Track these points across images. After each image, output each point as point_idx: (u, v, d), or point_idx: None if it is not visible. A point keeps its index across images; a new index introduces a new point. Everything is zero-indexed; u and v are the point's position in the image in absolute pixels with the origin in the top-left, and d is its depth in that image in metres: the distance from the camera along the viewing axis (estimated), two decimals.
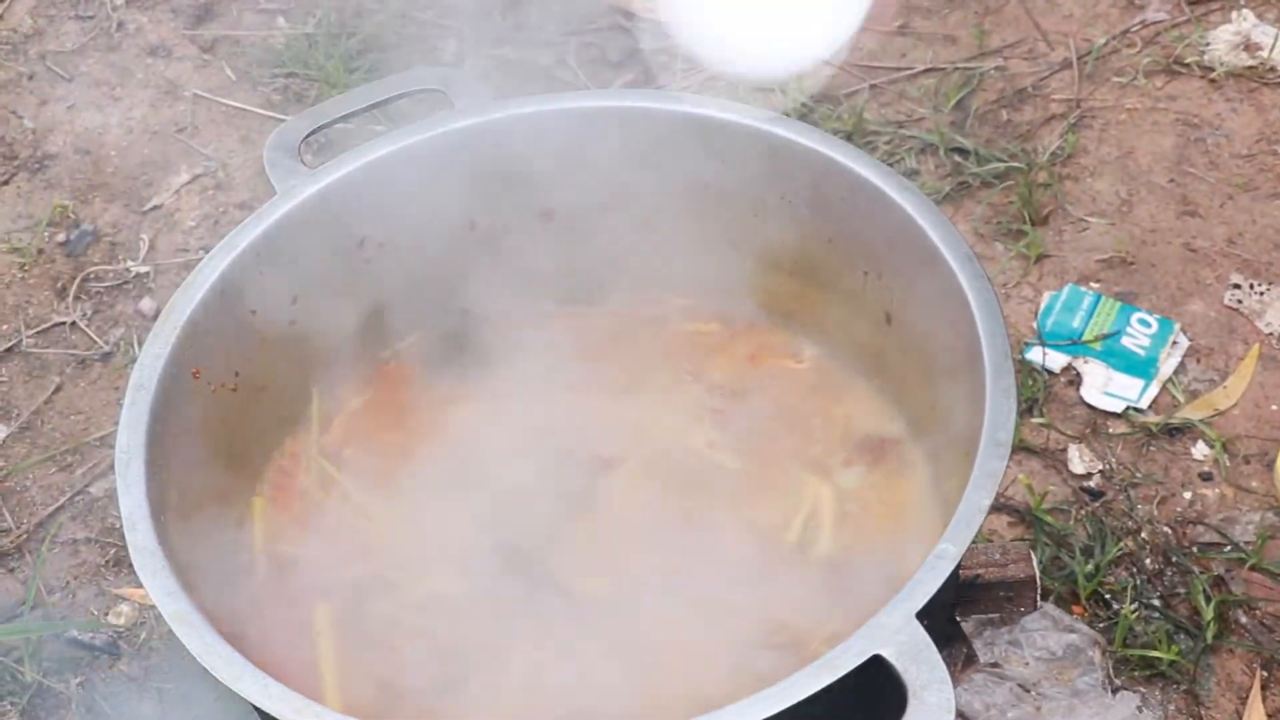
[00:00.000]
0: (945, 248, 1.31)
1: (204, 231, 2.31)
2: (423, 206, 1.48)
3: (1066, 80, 2.38)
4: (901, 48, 2.47)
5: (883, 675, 1.05)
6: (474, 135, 1.47)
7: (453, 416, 1.48)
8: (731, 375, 1.51)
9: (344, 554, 1.40)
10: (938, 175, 2.24)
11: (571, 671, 1.29)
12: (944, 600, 1.22)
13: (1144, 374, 1.97)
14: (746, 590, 1.32)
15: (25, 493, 2.00)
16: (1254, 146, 2.26)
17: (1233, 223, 2.16)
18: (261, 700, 1.09)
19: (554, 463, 1.43)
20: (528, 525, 1.39)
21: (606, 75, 2.47)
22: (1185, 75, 2.37)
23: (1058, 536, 1.81)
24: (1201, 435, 1.91)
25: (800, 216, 1.46)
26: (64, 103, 2.53)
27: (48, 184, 2.40)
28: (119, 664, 1.82)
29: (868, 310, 1.45)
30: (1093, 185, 2.23)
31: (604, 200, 1.53)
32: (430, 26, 2.58)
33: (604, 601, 1.33)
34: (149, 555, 1.18)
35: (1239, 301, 2.05)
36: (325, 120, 1.49)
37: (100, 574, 1.91)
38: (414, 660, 1.31)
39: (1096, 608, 1.75)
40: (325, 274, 1.46)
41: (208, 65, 2.57)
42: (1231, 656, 1.71)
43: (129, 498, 1.21)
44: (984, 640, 1.63)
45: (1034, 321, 2.05)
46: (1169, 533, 1.82)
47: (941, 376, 1.34)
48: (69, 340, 2.18)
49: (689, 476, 1.42)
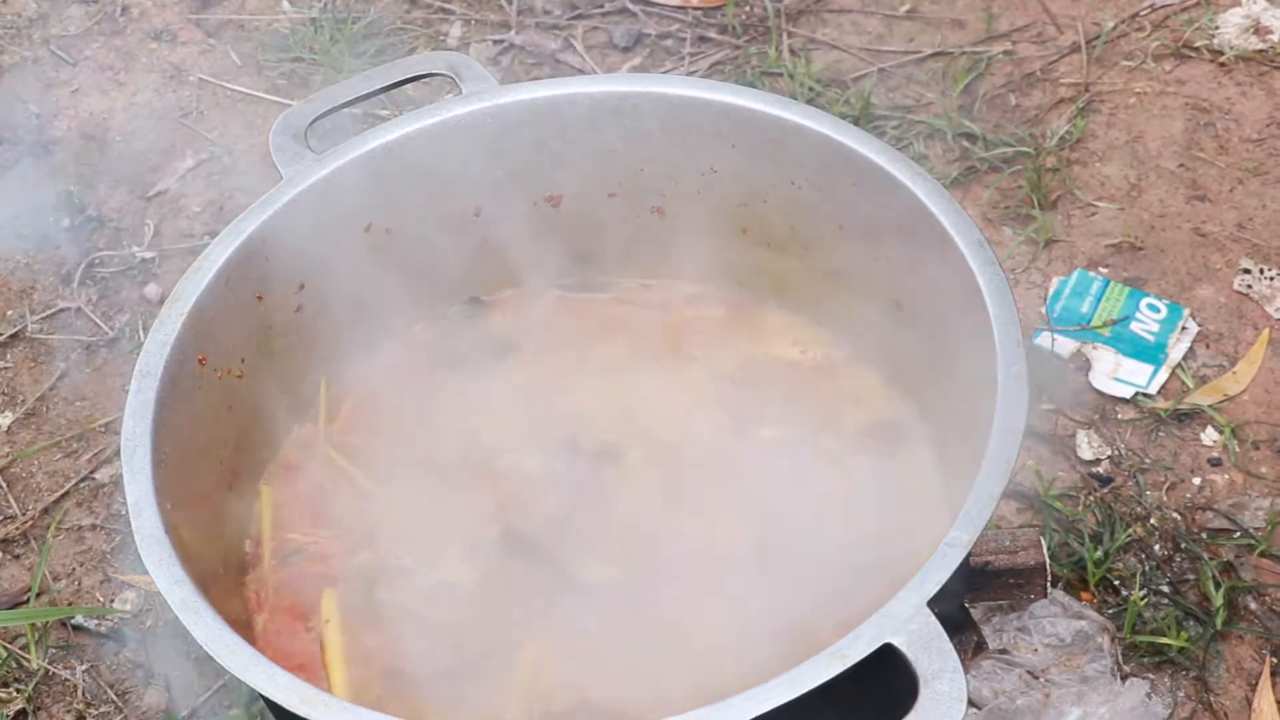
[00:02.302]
0: (956, 233, 1.30)
1: (209, 217, 2.30)
2: (429, 192, 1.48)
3: (1075, 64, 2.37)
4: (909, 32, 2.46)
5: (894, 664, 1.04)
6: (481, 121, 1.46)
7: (460, 404, 1.48)
8: (739, 362, 1.50)
9: (351, 542, 1.39)
10: (945, 160, 2.23)
11: (580, 660, 1.29)
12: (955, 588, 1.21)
13: (1153, 359, 1.96)
14: (755, 578, 1.32)
15: (31, 479, 2.00)
16: (1264, 131, 2.25)
17: (1242, 207, 2.15)
18: (268, 689, 1.08)
19: (561, 450, 1.43)
20: (535, 513, 1.39)
21: (613, 60, 2.46)
22: (1195, 59, 2.36)
23: (1066, 523, 1.80)
24: (1211, 421, 1.90)
25: (809, 202, 1.45)
26: (68, 87, 2.52)
27: (52, 169, 2.39)
28: (125, 650, 1.82)
29: (877, 296, 1.44)
30: (1101, 170, 2.22)
31: (611, 186, 1.52)
32: (436, 11, 2.57)
33: (612, 589, 1.33)
34: (155, 543, 1.17)
35: (1249, 286, 2.05)
36: (331, 105, 1.48)
37: (106, 560, 1.91)
38: (421, 648, 1.30)
39: (1105, 594, 1.74)
40: (331, 260, 1.45)
41: (213, 50, 2.56)
42: (1241, 643, 1.71)
43: (135, 485, 1.21)
44: (993, 627, 1.62)
45: (1043, 307, 2.04)
46: (1178, 519, 1.82)
47: (952, 363, 1.33)
48: (74, 326, 2.18)
49: (696, 463, 1.42)
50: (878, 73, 2.38)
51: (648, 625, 1.30)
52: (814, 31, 2.47)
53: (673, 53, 2.45)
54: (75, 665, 1.81)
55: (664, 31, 2.49)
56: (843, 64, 2.40)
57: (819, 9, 2.50)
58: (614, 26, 2.50)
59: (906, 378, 1.44)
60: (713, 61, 2.42)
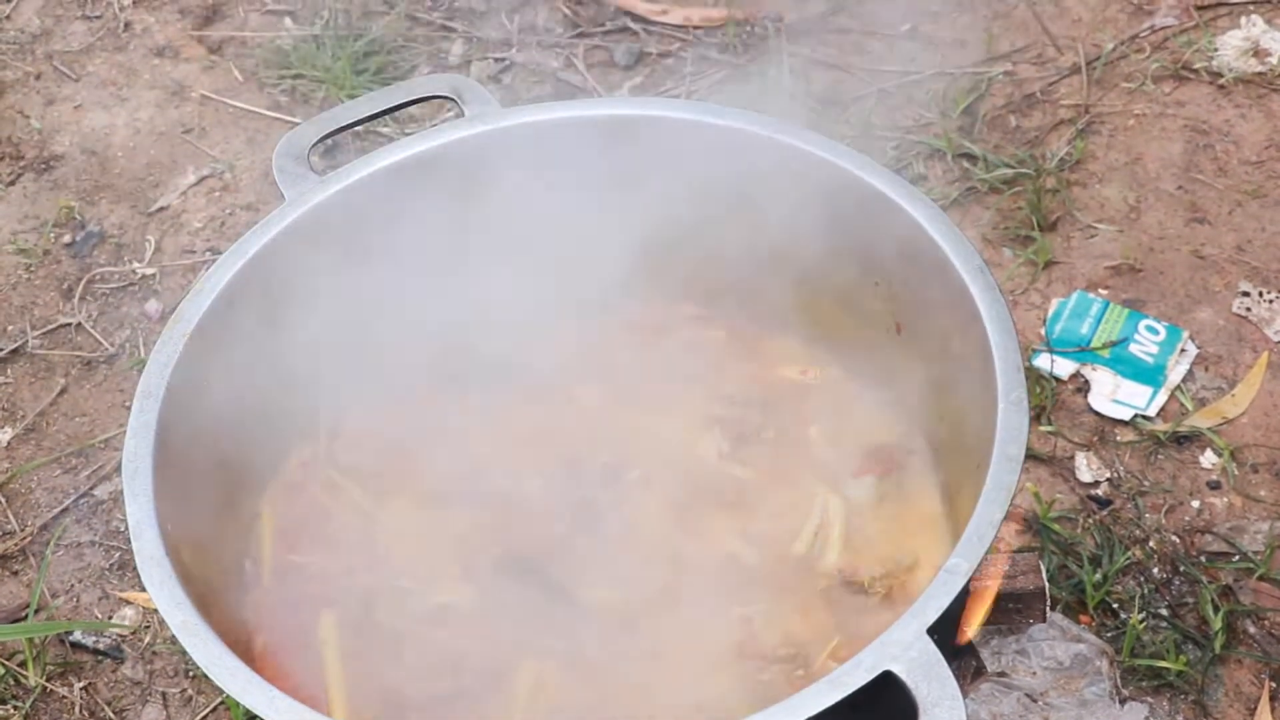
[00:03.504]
0: (956, 258, 1.30)
1: (210, 233, 2.30)
2: (431, 214, 1.48)
3: (1075, 85, 2.38)
4: (910, 52, 2.46)
5: (893, 691, 1.04)
6: (484, 143, 1.46)
7: (461, 426, 1.48)
8: (740, 385, 1.50)
9: (351, 563, 1.39)
10: (945, 180, 2.23)
11: (579, 682, 1.29)
12: (955, 615, 1.21)
13: (1152, 381, 1.97)
14: (754, 602, 1.32)
15: (30, 495, 2.00)
16: (1263, 153, 2.25)
17: (1242, 230, 2.15)
18: (267, 712, 1.08)
19: (562, 472, 1.43)
20: (535, 535, 1.39)
21: (614, 78, 2.46)
22: (1194, 81, 2.37)
23: (1065, 545, 1.80)
24: (1210, 444, 1.91)
25: (809, 225, 1.45)
26: (71, 103, 2.52)
27: (54, 184, 2.40)
28: (122, 667, 1.82)
29: (877, 320, 1.44)
30: (1101, 191, 2.22)
31: (612, 208, 1.52)
32: (437, 29, 2.58)
33: (611, 612, 1.33)
34: (156, 564, 1.17)
35: (1248, 309, 2.05)
36: (334, 127, 1.48)
37: (104, 577, 1.91)
38: (421, 670, 1.30)
39: (1104, 617, 1.74)
40: (334, 281, 1.45)
41: (215, 66, 2.56)
42: (1240, 667, 1.71)
43: (136, 506, 1.21)
44: (991, 650, 1.62)
45: (1042, 328, 2.04)
46: (1177, 542, 1.82)
47: (951, 387, 1.33)
48: (74, 342, 2.18)
49: (697, 486, 1.42)
50: (878, 93, 2.39)
51: (646, 647, 1.30)
52: (814, 51, 2.47)
53: (674, 72, 2.46)
54: (73, 682, 1.81)
55: (665, 50, 2.49)
56: (843, 84, 2.41)
57: (820, 29, 2.50)
58: (615, 45, 2.51)
59: (906, 401, 1.44)
60: (713, 81, 2.43)
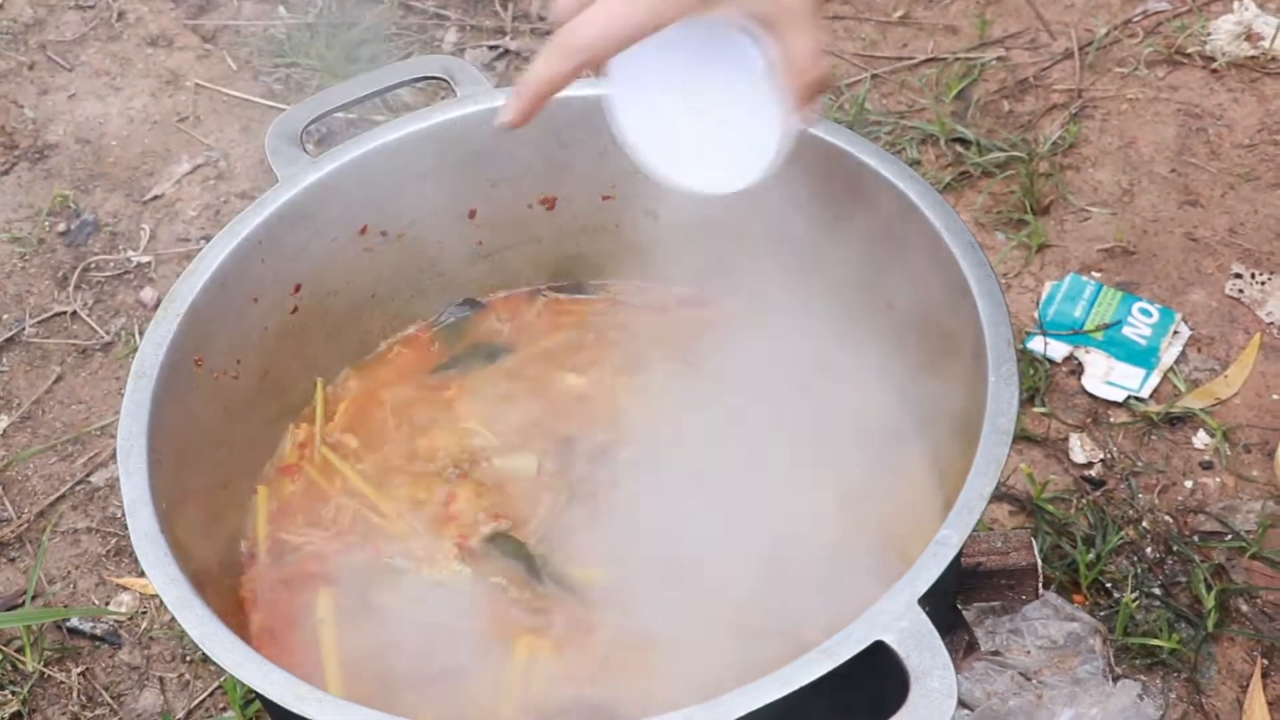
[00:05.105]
0: (947, 235, 1.30)
1: (205, 221, 2.31)
2: (424, 194, 1.48)
3: (1068, 70, 2.38)
4: (903, 37, 2.47)
5: (885, 661, 1.05)
6: (476, 123, 1.46)
7: (455, 405, 1.48)
8: (733, 364, 1.50)
9: (346, 542, 1.40)
10: (939, 165, 2.24)
11: (573, 659, 1.29)
12: (946, 587, 1.21)
13: (1145, 363, 1.97)
14: (746, 579, 1.32)
15: (26, 482, 2.00)
16: (1255, 136, 2.26)
17: (1234, 212, 2.16)
18: (263, 686, 1.09)
19: (555, 451, 1.43)
20: (529, 513, 1.40)
21: None
22: (1187, 65, 2.37)
23: (1059, 525, 1.81)
24: (1202, 424, 1.91)
25: (801, 203, 1.45)
26: (65, 92, 2.52)
27: (48, 173, 2.40)
28: (120, 653, 1.82)
29: (870, 297, 1.44)
30: (1094, 175, 2.23)
31: (605, 188, 1.53)
32: (431, 17, 2.58)
33: (605, 589, 1.33)
34: (151, 542, 1.17)
35: (1240, 291, 2.05)
36: (327, 108, 1.49)
37: (101, 563, 1.91)
38: (415, 648, 1.31)
39: (1097, 596, 1.75)
40: (327, 262, 1.45)
41: (209, 55, 2.56)
42: (1232, 645, 1.71)
43: (131, 484, 1.21)
44: (985, 628, 1.63)
45: (1035, 311, 2.05)
46: (1170, 521, 1.82)
47: (943, 364, 1.33)
48: (70, 330, 2.18)
49: (690, 464, 1.42)
50: (871, 78, 2.39)
51: (640, 624, 1.31)
52: None
53: None
54: (70, 668, 1.81)
55: None
56: (836, 69, 2.41)
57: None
58: None
59: (899, 378, 1.44)
60: None
